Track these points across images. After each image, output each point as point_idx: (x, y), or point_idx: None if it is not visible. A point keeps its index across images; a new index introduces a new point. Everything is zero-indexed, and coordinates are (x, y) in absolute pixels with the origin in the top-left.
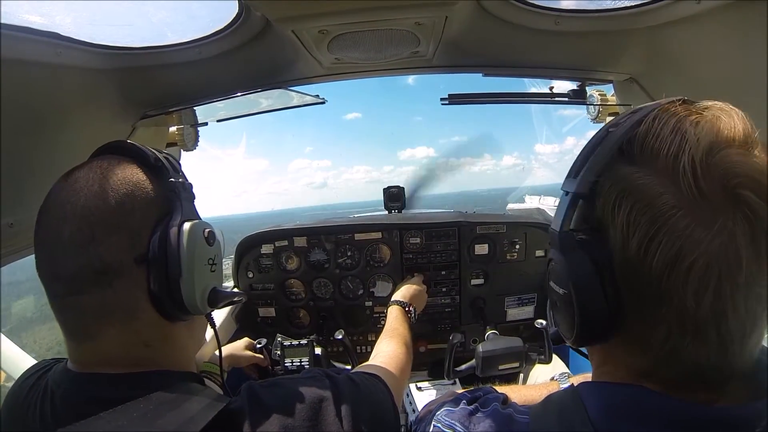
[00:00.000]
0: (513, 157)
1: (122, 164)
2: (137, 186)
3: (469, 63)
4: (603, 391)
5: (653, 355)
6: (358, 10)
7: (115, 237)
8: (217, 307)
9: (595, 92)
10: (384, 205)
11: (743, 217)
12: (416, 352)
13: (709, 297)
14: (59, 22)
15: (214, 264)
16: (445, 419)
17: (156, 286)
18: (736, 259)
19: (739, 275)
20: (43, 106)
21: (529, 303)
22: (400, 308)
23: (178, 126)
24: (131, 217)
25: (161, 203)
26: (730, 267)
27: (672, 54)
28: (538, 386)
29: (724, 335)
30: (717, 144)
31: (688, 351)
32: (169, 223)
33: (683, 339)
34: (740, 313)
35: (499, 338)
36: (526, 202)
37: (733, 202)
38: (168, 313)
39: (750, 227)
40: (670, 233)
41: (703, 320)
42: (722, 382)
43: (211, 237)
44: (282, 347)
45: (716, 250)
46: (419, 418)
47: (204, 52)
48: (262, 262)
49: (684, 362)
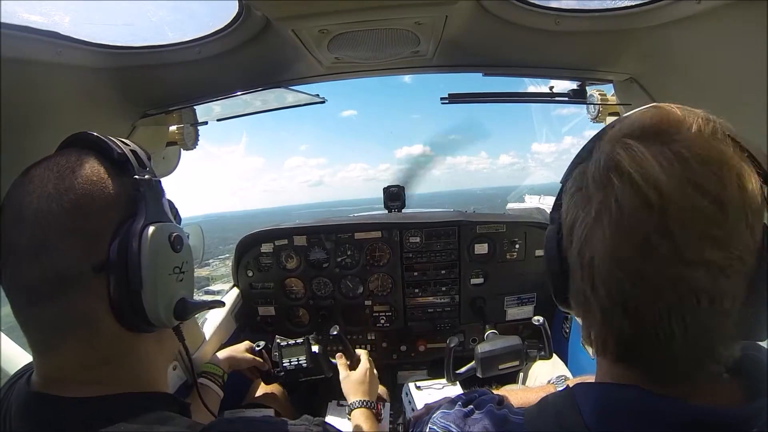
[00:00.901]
0: (510, 156)
1: (82, 160)
2: (96, 185)
3: (469, 63)
4: (597, 392)
5: (603, 323)
6: (358, 10)
7: (69, 243)
8: (185, 319)
9: (595, 92)
10: (384, 204)
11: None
12: (416, 352)
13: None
14: (59, 21)
15: (182, 272)
16: (440, 421)
17: (116, 297)
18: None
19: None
20: (43, 105)
21: (529, 302)
22: (367, 411)
23: (178, 125)
24: (89, 221)
25: (124, 204)
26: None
27: (672, 54)
28: (535, 389)
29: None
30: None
31: (618, 318)
32: (131, 227)
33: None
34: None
35: (498, 338)
36: (526, 202)
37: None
38: (131, 325)
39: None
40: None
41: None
42: (687, 370)
43: (177, 242)
44: (279, 348)
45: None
46: (417, 416)
47: (204, 51)
48: (262, 260)
49: (619, 329)
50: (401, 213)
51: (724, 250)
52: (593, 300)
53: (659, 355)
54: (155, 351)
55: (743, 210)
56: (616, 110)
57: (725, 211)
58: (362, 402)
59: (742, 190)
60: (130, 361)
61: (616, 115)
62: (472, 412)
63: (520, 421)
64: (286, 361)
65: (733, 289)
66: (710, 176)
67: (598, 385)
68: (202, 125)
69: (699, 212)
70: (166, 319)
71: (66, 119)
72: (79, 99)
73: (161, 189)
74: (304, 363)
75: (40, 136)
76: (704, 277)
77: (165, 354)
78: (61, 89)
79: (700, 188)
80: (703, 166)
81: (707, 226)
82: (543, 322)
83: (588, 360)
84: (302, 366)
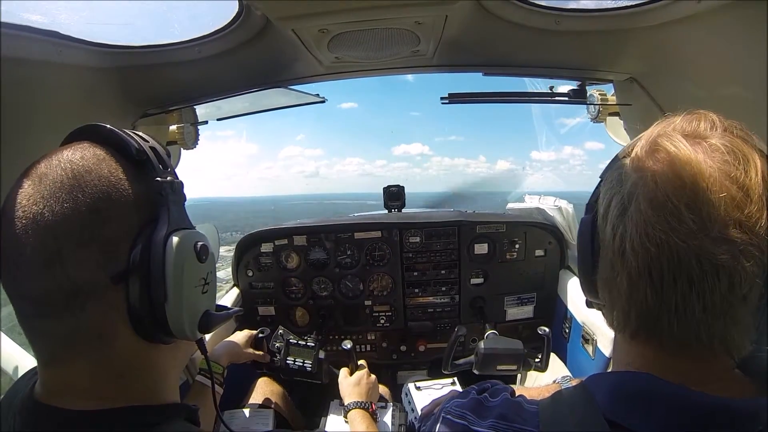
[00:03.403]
0: (508, 162)
1: (97, 157)
2: (114, 187)
3: (469, 62)
4: (610, 379)
5: (621, 306)
6: (358, 9)
7: (86, 251)
8: (209, 332)
9: (595, 92)
10: (384, 204)
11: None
12: (416, 352)
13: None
14: (60, 20)
15: (206, 284)
16: (455, 410)
17: (137, 310)
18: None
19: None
20: (43, 104)
21: (529, 302)
22: (362, 411)
23: (179, 125)
24: (107, 226)
25: (144, 208)
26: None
27: (672, 54)
28: (541, 388)
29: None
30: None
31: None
32: (153, 234)
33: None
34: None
35: (500, 338)
36: (526, 202)
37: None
38: (150, 338)
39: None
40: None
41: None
42: (702, 346)
43: (203, 252)
44: (287, 344)
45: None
46: (425, 413)
47: (204, 50)
48: (262, 260)
49: (643, 300)
50: (401, 213)
51: (746, 233)
52: (622, 272)
53: (677, 330)
54: (169, 362)
55: (765, 201)
56: (616, 110)
57: (749, 197)
58: (357, 403)
59: (765, 184)
60: (143, 376)
61: (616, 115)
62: (487, 399)
63: (535, 409)
64: (291, 360)
65: (751, 275)
66: (737, 166)
67: (611, 373)
68: (202, 125)
69: (726, 193)
70: (190, 333)
71: (66, 118)
72: (80, 98)
73: (183, 192)
74: (308, 367)
75: (41, 135)
76: (726, 254)
77: (178, 364)
78: (62, 89)
79: (727, 174)
80: (731, 156)
81: (732, 207)
82: (548, 333)
83: (588, 360)
84: (305, 369)
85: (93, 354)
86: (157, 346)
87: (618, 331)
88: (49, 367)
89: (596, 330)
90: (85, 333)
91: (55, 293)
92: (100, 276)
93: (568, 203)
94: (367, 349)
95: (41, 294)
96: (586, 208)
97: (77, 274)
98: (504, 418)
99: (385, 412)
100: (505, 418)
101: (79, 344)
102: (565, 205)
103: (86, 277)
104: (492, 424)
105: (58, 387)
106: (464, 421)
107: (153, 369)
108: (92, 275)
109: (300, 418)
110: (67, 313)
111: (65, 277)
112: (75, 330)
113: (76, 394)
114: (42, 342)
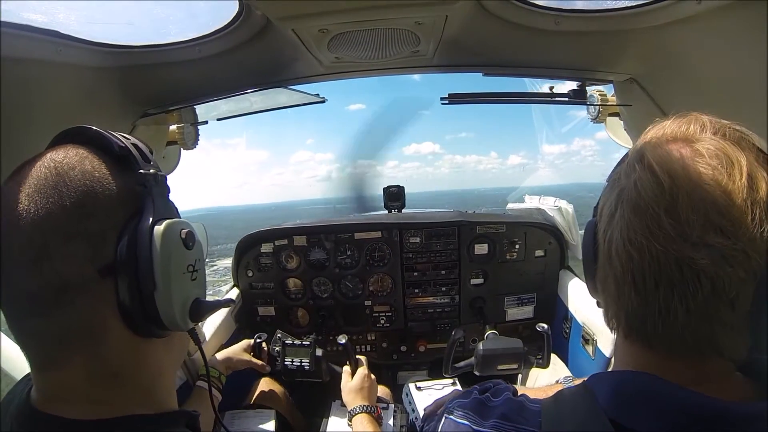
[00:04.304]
0: (519, 157)
1: (80, 155)
2: (99, 181)
3: (470, 62)
4: (611, 378)
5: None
6: (358, 9)
7: (72, 246)
8: (201, 320)
9: (595, 92)
10: (384, 204)
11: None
12: (416, 352)
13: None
14: (60, 20)
15: (195, 270)
16: (458, 410)
17: (127, 301)
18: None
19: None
20: (43, 104)
21: (529, 303)
22: (368, 415)
23: (179, 124)
24: (92, 220)
25: (129, 201)
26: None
27: (672, 54)
28: (543, 388)
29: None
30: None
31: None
32: (139, 225)
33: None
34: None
35: (500, 338)
36: (526, 202)
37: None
38: (143, 331)
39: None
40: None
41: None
42: (692, 344)
43: (189, 238)
44: (283, 345)
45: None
46: (428, 413)
47: (204, 50)
48: (262, 261)
49: (628, 303)
50: (401, 213)
51: (728, 238)
52: (610, 275)
53: (662, 333)
54: (164, 358)
55: (749, 205)
56: (616, 110)
57: (732, 201)
58: (362, 407)
59: (750, 189)
60: (139, 373)
61: (616, 116)
62: (489, 399)
63: (537, 409)
64: (288, 360)
65: (737, 280)
66: (721, 170)
67: (612, 372)
68: (202, 125)
69: (705, 199)
70: (181, 322)
71: (66, 118)
72: (80, 98)
73: (167, 185)
74: (306, 365)
75: (41, 135)
76: (706, 258)
77: (174, 361)
78: (62, 88)
79: (710, 179)
80: (716, 161)
81: (714, 212)
82: (547, 329)
83: (588, 360)
84: (304, 368)
85: (86, 351)
86: (151, 341)
87: (613, 331)
88: (43, 371)
89: (596, 330)
90: (77, 330)
91: (45, 290)
92: (88, 270)
93: (568, 203)
94: (367, 350)
95: (32, 292)
96: (593, 211)
97: (65, 269)
98: (506, 418)
99: (386, 413)
100: (507, 418)
101: (71, 342)
102: (565, 206)
103: (74, 271)
104: (494, 424)
105: (54, 391)
106: (467, 421)
107: (148, 367)
108: (80, 269)
109: (301, 418)
110: (57, 310)
111: (54, 273)
112: (66, 328)
113: (72, 399)
114: (35, 344)
